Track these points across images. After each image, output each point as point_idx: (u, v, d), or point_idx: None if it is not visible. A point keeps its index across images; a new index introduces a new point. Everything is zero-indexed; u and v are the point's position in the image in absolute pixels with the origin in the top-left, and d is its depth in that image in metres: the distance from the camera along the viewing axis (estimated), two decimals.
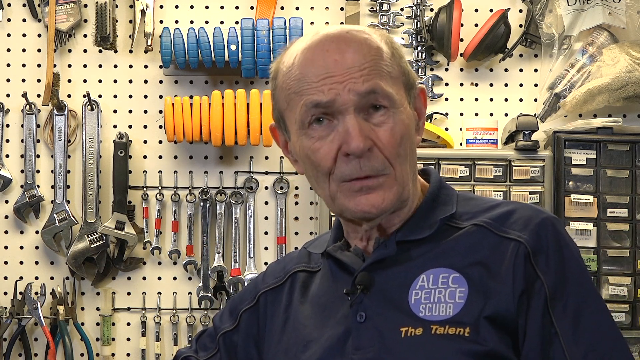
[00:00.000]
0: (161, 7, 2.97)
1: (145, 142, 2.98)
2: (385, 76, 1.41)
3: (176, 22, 2.97)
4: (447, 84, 3.01)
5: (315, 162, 1.42)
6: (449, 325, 1.35)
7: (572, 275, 1.38)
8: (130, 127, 2.98)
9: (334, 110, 1.39)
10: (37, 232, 2.96)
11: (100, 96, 2.96)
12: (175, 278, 2.98)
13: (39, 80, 2.95)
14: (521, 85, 3.01)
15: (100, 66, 2.98)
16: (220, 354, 1.63)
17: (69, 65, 2.97)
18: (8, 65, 2.97)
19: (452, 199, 1.50)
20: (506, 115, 2.98)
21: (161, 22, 2.96)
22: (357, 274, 1.44)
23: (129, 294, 2.99)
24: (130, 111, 2.98)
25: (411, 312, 1.38)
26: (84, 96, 2.92)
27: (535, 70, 3.00)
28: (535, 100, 2.98)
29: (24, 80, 2.97)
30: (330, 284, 1.50)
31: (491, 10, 2.97)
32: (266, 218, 2.99)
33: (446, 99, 3.01)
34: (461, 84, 3.01)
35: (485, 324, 1.35)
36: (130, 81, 2.98)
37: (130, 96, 2.98)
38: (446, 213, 1.46)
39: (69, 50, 2.97)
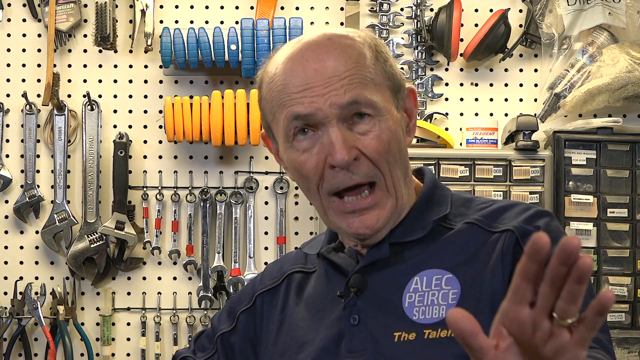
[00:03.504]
0: (161, 7, 2.97)
1: (145, 142, 2.98)
2: (368, 84, 1.38)
3: (176, 22, 2.97)
4: (447, 84, 3.01)
5: (304, 175, 1.41)
6: (442, 328, 1.34)
7: None
8: (130, 127, 2.98)
9: (317, 122, 1.38)
10: (37, 232, 2.96)
11: (100, 96, 2.96)
12: (175, 278, 2.99)
13: (39, 80, 2.96)
14: (521, 85, 3.00)
15: (100, 66, 2.98)
16: (218, 355, 1.62)
17: (69, 65, 2.97)
18: (8, 65, 2.97)
19: (446, 199, 1.49)
20: (506, 115, 2.98)
21: (161, 22, 2.96)
22: (351, 276, 1.44)
23: (129, 294, 2.99)
24: (130, 111, 2.98)
25: (405, 316, 1.37)
26: (84, 96, 2.92)
27: (535, 70, 2.99)
28: (535, 100, 2.98)
29: (24, 80, 2.97)
30: (325, 286, 1.50)
31: (491, 10, 2.97)
32: (266, 218, 2.99)
33: (446, 99, 3.00)
34: (461, 84, 3.01)
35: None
36: (130, 81, 2.98)
37: (130, 96, 2.98)
38: (440, 214, 1.45)
39: (69, 50, 2.97)
